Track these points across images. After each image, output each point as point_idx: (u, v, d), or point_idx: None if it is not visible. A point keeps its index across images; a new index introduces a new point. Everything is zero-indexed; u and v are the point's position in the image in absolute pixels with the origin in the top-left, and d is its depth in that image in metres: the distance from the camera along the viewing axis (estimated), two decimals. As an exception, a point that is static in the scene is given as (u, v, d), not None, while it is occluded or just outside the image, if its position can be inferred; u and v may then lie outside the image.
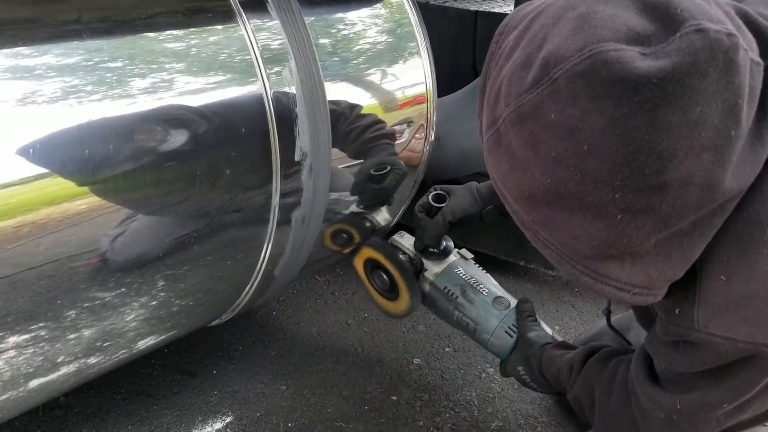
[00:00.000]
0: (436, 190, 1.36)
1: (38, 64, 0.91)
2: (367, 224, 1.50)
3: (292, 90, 1.14)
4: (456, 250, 1.42)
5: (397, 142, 1.46)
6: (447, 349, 1.71)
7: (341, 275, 1.98)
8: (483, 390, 1.57)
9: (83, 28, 0.97)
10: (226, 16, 1.12)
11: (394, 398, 1.54)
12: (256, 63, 1.11)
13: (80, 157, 0.92)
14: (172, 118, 1.02)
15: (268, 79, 1.12)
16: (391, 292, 1.44)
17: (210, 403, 1.50)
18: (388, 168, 1.42)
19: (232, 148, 1.08)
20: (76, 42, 0.96)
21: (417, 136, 1.51)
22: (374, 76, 1.43)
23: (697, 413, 0.87)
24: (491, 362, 1.65)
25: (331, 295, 1.91)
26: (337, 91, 1.31)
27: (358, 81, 1.39)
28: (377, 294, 1.49)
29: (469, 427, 1.47)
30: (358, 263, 1.49)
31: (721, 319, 0.77)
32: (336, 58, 1.34)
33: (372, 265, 1.46)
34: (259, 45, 1.12)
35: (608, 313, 1.24)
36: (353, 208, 1.44)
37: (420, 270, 1.39)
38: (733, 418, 0.86)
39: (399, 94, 1.47)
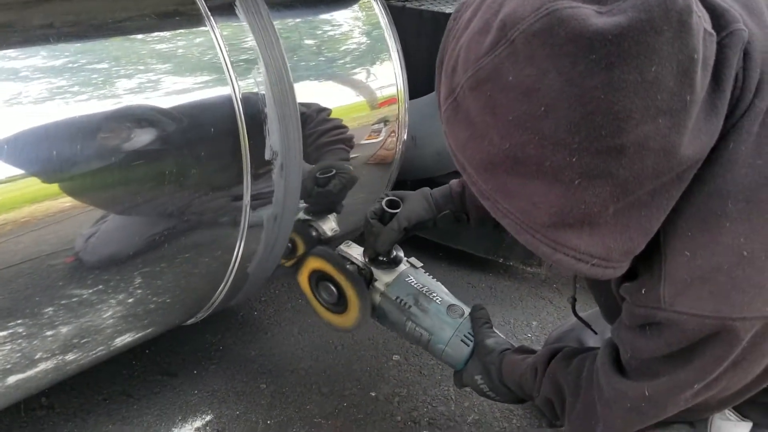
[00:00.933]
0: (388, 196, 1.30)
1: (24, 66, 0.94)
2: (313, 233, 1.47)
3: (262, 91, 1.17)
4: (405, 258, 1.35)
5: (368, 141, 1.48)
6: (425, 346, 1.73)
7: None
8: (460, 384, 1.60)
9: (55, 33, 1.00)
10: (194, 19, 1.15)
11: (373, 394, 1.57)
12: (224, 65, 1.14)
13: (51, 156, 0.95)
14: (142, 118, 1.05)
15: (237, 80, 1.15)
16: (338, 305, 1.36)
17: (190, 403, 1.52)
18: (334, 171, 1.41)
19: (202, 148, 1.11)
20: (45, 45, 0.99)
21: (389, 136, 1.54)
22: (345, 78, 1.47)
23: (666, 397, 0.87)
24: (469, 357, 1.67)
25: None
26: (307, 93, 1.34)
27: (329, 84, 1.43)
28: (323, 308, 1.40)
29: (446, 421, 1.50)
30: (303, 276, 1.40)
31: (687, 295, 0.77)
32: (307, 62, 1.38)
33: (318, 277, 1.38)
34: (227, 48, 1.15)
35: (573, 302, 1.24)
36: (300, 214, 1.43)
37: (369, 280, 1.32)
38: (701, 396, 0.86)
39: (370, 96, 1.50)
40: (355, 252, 1.35)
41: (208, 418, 1.48)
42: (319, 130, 1.34)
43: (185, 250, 1.18)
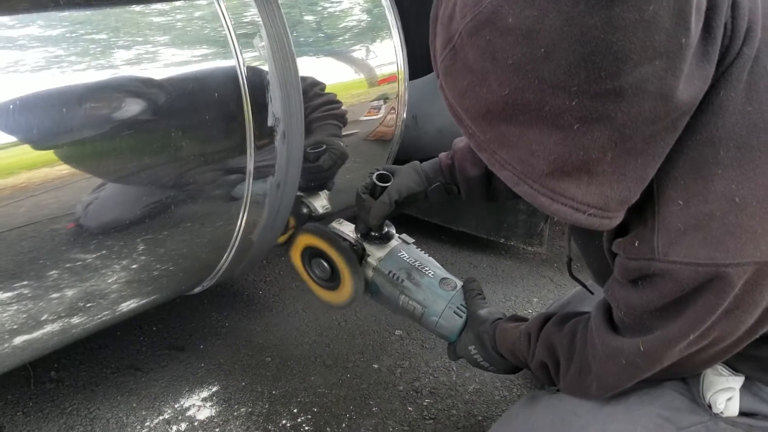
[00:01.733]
0: (379, 170, 1.29)
1: (21, 35, 0.96)
2: (304, 210, 1.48)
3: (264, 59, 1.20)
4: (397, 234, 1.36)
5: (369, 117, 1.51)
6: (427, 322, 1.75)
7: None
8: (462, 357, 1.62)
9: (55, 2, 1.03)
10: (199, -9, 1.18)
11: (376, 366, 1.59)
12: (228, 33, 1.17)
13: (56, 121, 0.97)
14: (144, 86, 1.07)
15: (240, 50, 1.17)
16: (331, 281, 1.36)
17: (197, 375, 1.55)
18: (324, 147, 1.41)
19: (207, 115, 1.14)
20: (54, 13, 1.01)
21: (389, 113, 1.56)
22: (345, 55, 1.49)
23: (661, 351, 0.87)
24: (471, 332, 1.69)
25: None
26: (307, 69, 1.36)
27: (329, 59, 1.45)
28: (316, 285, 1.40)
29: (447, 390, 1.51)
30: (295, 252, 1.40)
31: (681, 244, 0.78)
32: (306, 38, 1.40)
33: (310, 254, 1.38)
34: (230, 17, 1.17)
35: (569, 262, 1.25)
36: None
37: (362, 256, 1.33)
38: (695, 347, 0.86)
39: (370, 73, 1.52)
40: (347, 229, 1.36)
41: (215, 389, 1.50)
42: (312, 105, 1.35)
43: (189, 218, 1.20)
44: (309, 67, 1.38)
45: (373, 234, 1.33)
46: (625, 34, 0.64)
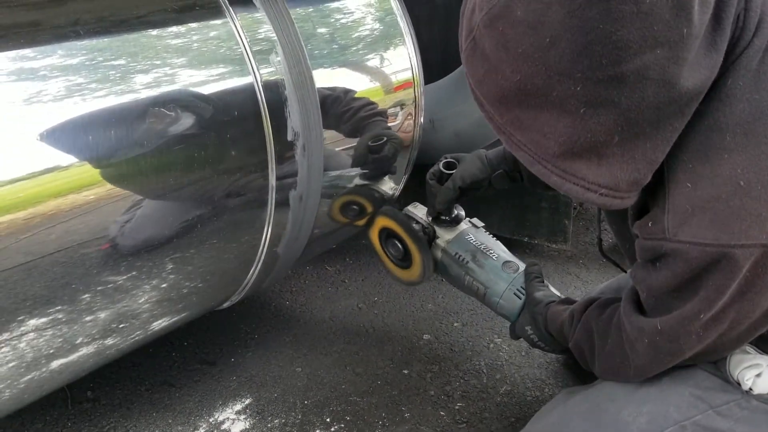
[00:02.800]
0: (446, 158, 1.41)
1: (42, 65, 0.98)
2: (376, 194, 1.57)
3: (281, 75, 1.21)
4: (467, 219, 1.47)
5: (389, 124, 1.52)
6: (455, 324, 1.75)
7: (351, 264, 2.04)
8: (491, 359, 1.62)
9: (81, 29, 1.05)
10: (214, 11, 1.19)
11: (406, 372, 1.59)
12: (245, 52, 1.18)
13: (83, 146, 0.99)
14: (167, 106, 1.09)
15: (257, 67, 1.19)
16: (404, 260, 1.48)
17: (229, 388, 1.56)
18: (385, 138, 1.50)
19: (227, 132, 1.15)
20: (77, 42, 1.03)
21: (407, 118, 1.57)
22: (360, 64, 1.50)
23: (677, 329, 0.91)
24: (499, 333, 1.70)
25: (341, 282, 1.97)
26: (328, 77, 1.39)
27: (347, 68, 1.47)
28: (391, 263, 1.52)
29: (479, 393, 1.52)
30: (373, 233, 1.53)
31: (689, 224, 0.82)
32: (325, 49, 1.41)
33: (387, 235, 1.50)
34: (246, 36, 1.19)
35: (599, 242, 1.30)
36: (358, 180, 1.51)
37: (432, 238, 1.44)
38: (712, 330, 0.89)
39: (387, 80, 1.53)
40: (420, 212, 1.47)
41: (248, 401, 1.52)
42: (354, 106, 1.43)
43: (215, 235, 1.21)
44: (326, 78, 1.39)
45: (443, 217, 1.44)
46: (624, 25, 0.70)
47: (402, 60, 1.58)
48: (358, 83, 1.49)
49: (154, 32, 1.12)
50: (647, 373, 1.02)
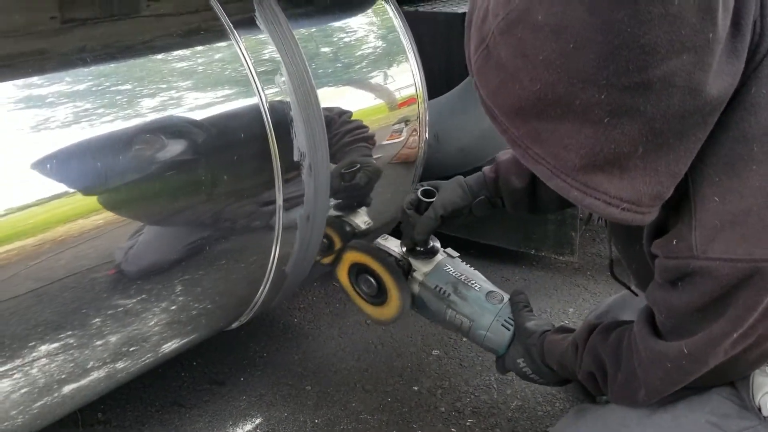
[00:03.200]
0: (423, 186, 1.31)
1: (50, 92, 0.99)
2: (347, 228, 1.50)
3: (286, 96, 1.22)
4: (442, 249, 1.37)
5: (392, 141, 1.52)
6: (464, 339, 1.74)
7: (358, 280, 2.04)
8: (501, 374, 1.61)
9: (88, 56, 1.06)
10: (219, 34, 1.20)
11: (416, 388, 1.59)
12: (250, 75, 1.19)
13: (91, 171, 1.00)
14: (174, 129, 1.10)
15: (262, 88, 1.20)
16: (378, 297, 1.37)
17: (239, 408, 1.56)
18: (358, 166, 1.43)
19: (235, 154, 1.16)
20: (84, 69, 1.04)
21: (411, 135, 1.57)
22: (364, 82, 1.51)
23: (705, 351, 0.87)
24: (508, 347, 1.69)
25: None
26: (330, 97, 1.39)
27: (349, 88, 1.47)
28: (363, 301, 1.42)
29: (489, 409, 1.51)
30: (342, 270, 1.42)
31: (719, 240, 0.79)
32: (325, 69, 1.42)
33: (357, 270, 1.39)
34: (251, 57, 1.20)
35: (611, 264, 1.25)
36: (330, 211, 1.45)
37: (408, 271, 1.34)
38: (739, 346, 0.86)
39: (390, 97, 1.54)
40: (393, 244, 1.38)
41: (258, 421, 1.52)
42: (342, 131, 1.39)
43: (223, 256, 1.22)
44: (330, 96, 1.40)
45: (418, 249, 1.34)
46: (651, 28, 0.66)
47: (405, 76, 1.59)
48: (362, 101, 1.50)
49: (160, 56, 1.13)
50: (661, 394, 0.97)
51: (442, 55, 2.04)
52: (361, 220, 1.52)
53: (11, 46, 1.01)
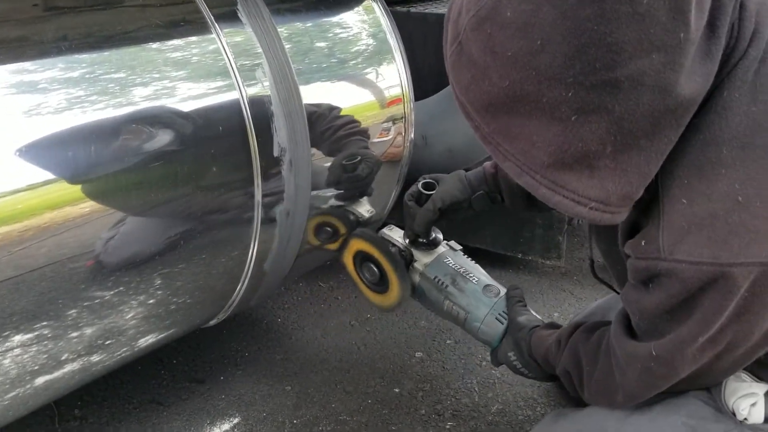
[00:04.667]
0: (425, 178, 1.36)
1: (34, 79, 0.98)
2: (351, 216, 1.53)
3: (267, 90, 1.21)
4: (445, 241, 1.41)
5: (378, 140, 1.52)
6: (448, 342, 1.74)
7: (344, 280, 2.03)
8: (483, 377, 1.60)
9: (68, 45, 1.05)
10: (200, 27, 1.20)
11: (397, 390, 1.58)
12: (230, 68, 1.18)
13: (69, 162, 0.99)
14: (155, 121, 1.09)
15: (242, 82, 1.19)
16: (380, 284, 1.43)
17: (217, 407, 1.55)
18: (359, 158, 1.47)
19: (213, 148, 1.15)
20: (68, 56, 1.03)
21: (397, 134, 1.57)
22: (351, 80, 1.50)
23: (672, 354, 0.87)
24: (491, 351, 1.68)
25: (334, 299, 1.96)
26: (317, 94, 1.39)
27: (336, 84, 1.47)
28: (366, 287, 1.47)
29: (470, 412, 1.50)
30: (347, 256, 1.48)
31: (686, 242, 0.79)
32: (314, 64, 1.42)
33: (362, 258, 1.45)
34: (232, 51, 1.19)
35: (591, 263, 1.25)
36: (333, 201, 1.49)
37: (410, 261, 1.39)
38: (708, 352, 0.85)
39: (377, 96, 1.53)
40: (397, 235, 1.43)
41: (236, 420, 1.50)
42: (335, 125, 1.41)
43: (202, 250, 1.21)
44: (316, 93, 1.39)
45: (420, 240, 1.39)
46: (619, 26, 0.66)
47: (392, 76, 1.58)
48: (348, 99, 1.49)
49: (138, 47, 1.12)
50: (638, 398, 0.97)
51: (433, 57, 2.04)
52: (364, 209, 1.57)
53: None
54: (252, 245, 1.26)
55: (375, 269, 1.42)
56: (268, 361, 1.70)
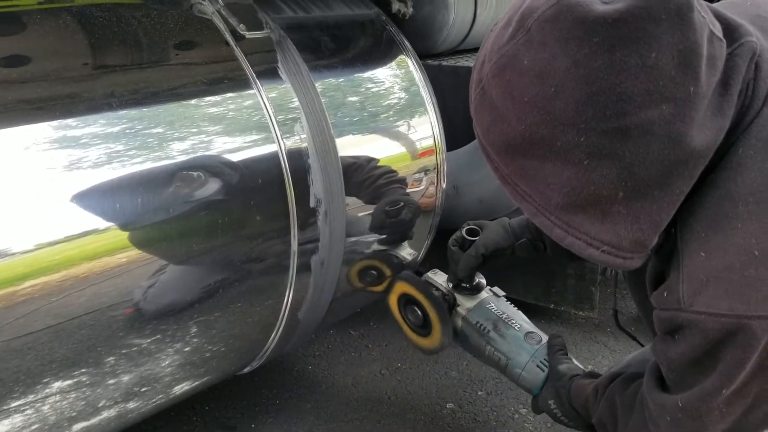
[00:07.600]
0: (469, 224, 1.39)
1: (83, 134, 1.03)
2: (395, 259, 1.57)
3: (305, 144, 1.25)
4: (488, 287, 1.44)
5: (411, 190, 1.54)
6: (480, 393, 1.72)
7: (375, 328, 2.04)
8: (516, 430, 1.58)
9: (117, 101, 1.10)
10: (243, 83, 1.24)
11: (428, 442, 1.56)
12: (270, 122, 1.23)
13: (113, 210, 1.03)
14: (197, 173, 1.13)
15: (281, 135, 1.23)
16: (424, 327, 1.44)
17: (249, 455, 1.55)
18: (402, 203, 1.52)
19: (252, 199, 1.18)
20: (115, 113, 1.08)
21: (430, 184, 1.59)
22: (386, 132, 1.54)
23: (698, 406, 0.87)
24: (524, 403, 1.66)
25: (365, 347, 1.96)
26: (353, 146, 1.43)
27: (372, 136, 1.51)
28: (410, 330, 1.49)
29: (502, 466, 1.48)
30: (392, 299, 1.50)
31: (704, 294, 0.80)
32: (350, 117, 1.46)
33: (405, 301, 1.47)
34: (272, 106, 1.24)
35: (615, 314, 1.26)
36: (376, 246, 1.53)
37: (453, 305, 1.42)
38: (736, 406, 0.84)
39: (410, 148, 1.57)
40: (440, 279, 1.45)
41: (266, 469, 1.50)
42: (374, 174, 1.46)
43: (238, 299, 1.23)
44: (351, 145, 1.43)
45: (464, 285, 1.42)
46: (628, 77, 0.71)
47: (425, 128, 1.61)
48: (383, 150, 1.53)
49: (185, 103, 1.17)
50: None
51: (464, 108, 2.07)
52: (406, 252, 1.62)
53: (43, 90, 1.05)
54: (287, 294, 1.28)
55: (419, 312, 1.44)
56: (299, 410, 1.70)
